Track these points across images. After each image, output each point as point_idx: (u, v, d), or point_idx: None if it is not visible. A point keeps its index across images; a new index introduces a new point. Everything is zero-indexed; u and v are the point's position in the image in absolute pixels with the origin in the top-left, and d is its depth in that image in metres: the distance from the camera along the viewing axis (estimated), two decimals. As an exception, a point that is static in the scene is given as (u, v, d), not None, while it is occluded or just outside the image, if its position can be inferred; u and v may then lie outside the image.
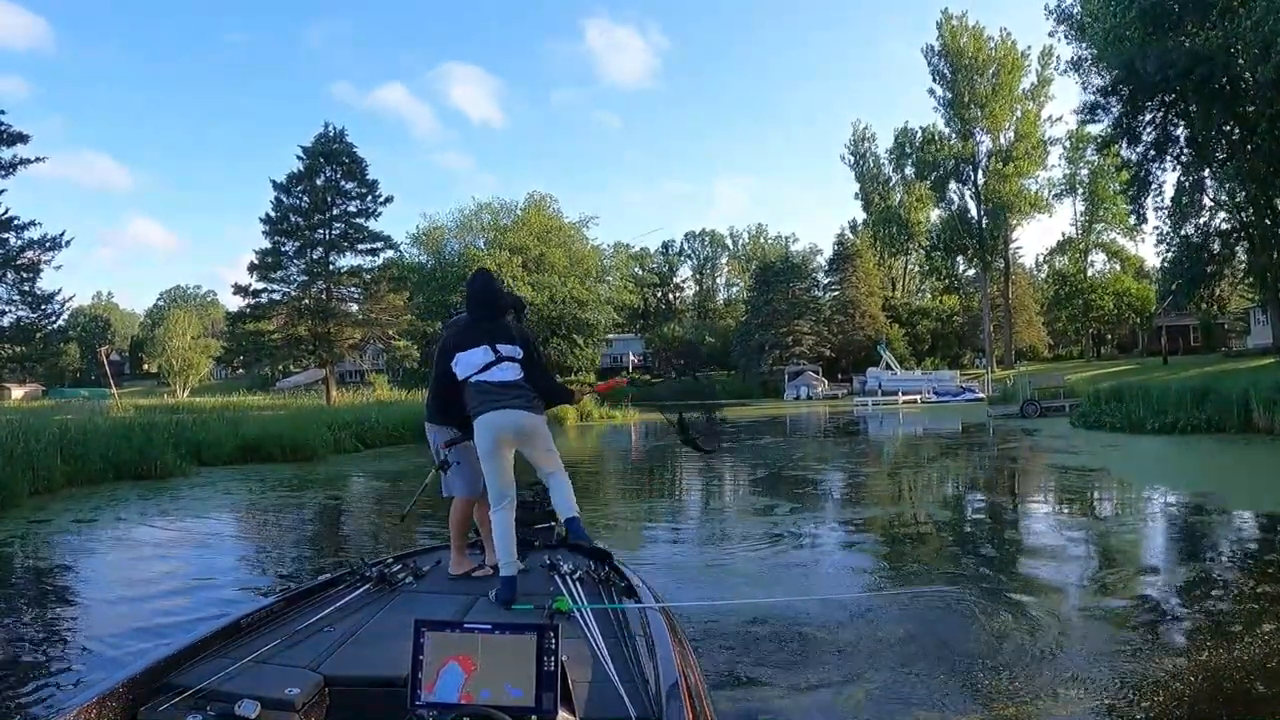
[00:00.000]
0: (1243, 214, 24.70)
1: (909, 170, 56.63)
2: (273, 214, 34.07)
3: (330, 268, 34.17)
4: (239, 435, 17.54)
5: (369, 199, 34.89)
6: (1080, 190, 54.58)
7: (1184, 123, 24.74)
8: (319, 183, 33.85)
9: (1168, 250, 27.19)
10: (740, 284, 76.73)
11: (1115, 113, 25.13)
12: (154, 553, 8.05)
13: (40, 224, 25.11)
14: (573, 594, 2.90)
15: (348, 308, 35.39)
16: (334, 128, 34.40)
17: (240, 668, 2.21)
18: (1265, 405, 15.42)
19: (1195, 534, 7.67)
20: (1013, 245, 54.48)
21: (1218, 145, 24.89)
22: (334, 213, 34.13)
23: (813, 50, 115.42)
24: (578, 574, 3.17)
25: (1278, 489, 9.88)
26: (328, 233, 34.02)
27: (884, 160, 61.75)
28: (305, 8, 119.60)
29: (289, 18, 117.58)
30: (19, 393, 50.83)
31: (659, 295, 72.40)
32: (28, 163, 24.57)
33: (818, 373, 51.93)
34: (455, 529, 3.58)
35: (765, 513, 9.49)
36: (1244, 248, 25.95)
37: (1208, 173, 25.42)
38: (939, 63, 49.15)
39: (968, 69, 48.08)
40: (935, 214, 55.86)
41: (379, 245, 35.61)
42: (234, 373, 69.77)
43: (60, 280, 79.58)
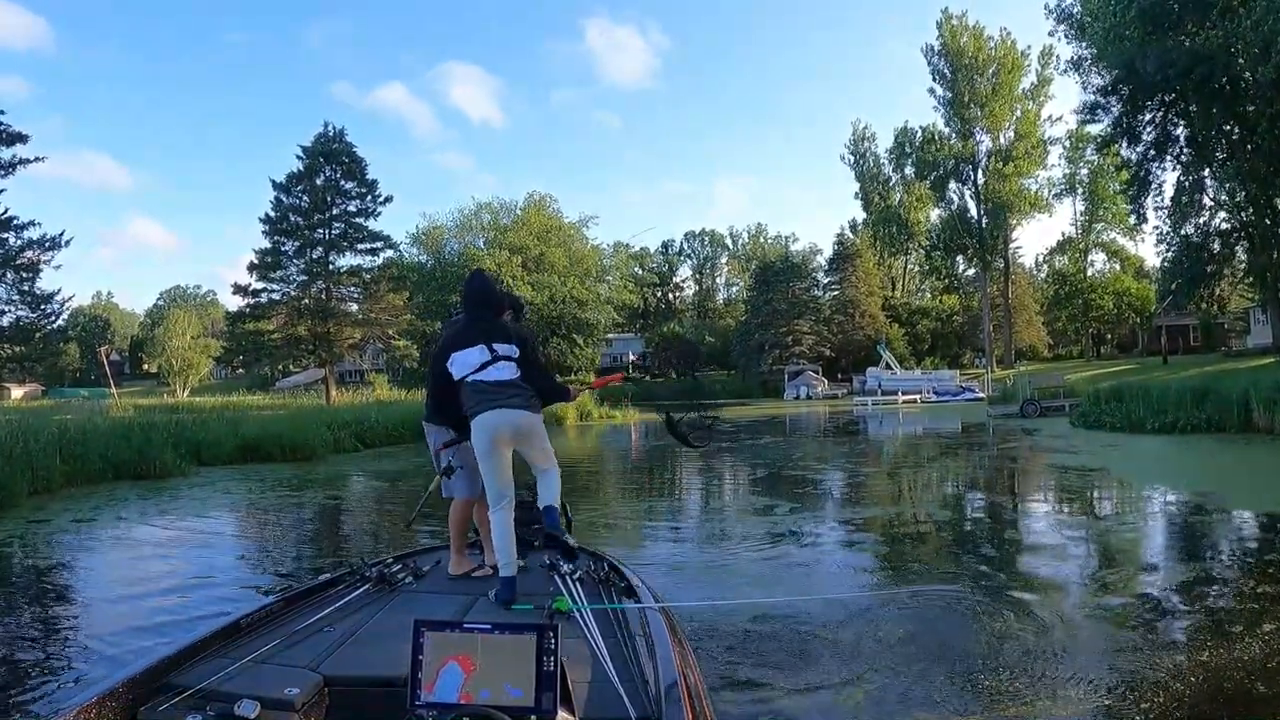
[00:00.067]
0: (1243, 214, 24.69)
1: (909, 170, 56.66)
2: (272, 214, 34.07)
3: (330, 267, 34.17)
4: (238, 435, 17.54)
5: (369, 199, 34.91)
6: (1080, 190, 54.58)
7: (1184, 122, 24.74)
8: (319, 182, 33.85)
9: (1167, 250, 27.23)
10: (740, 284, 76.76)
11: (1115, 112, 25.12)
12: (153, 552, 8.05)
13: (40, 224, 25.25)
14: (572, 594, 2.90)
15: (347, 307, 35.40)
16: (334, 127, 34.43)
17: (240, 668, 2.21)
18: (1265, 405, 15.42)
19: (1195, 534, 7.66)
20: (1012, 245, 54.55)
21: (1218, 145, 24.89)
22: (334, 212, 34.13)
23: (813, 50, 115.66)
24: (577, 574, 3.17)
25: (1278, 488, 9.87)
26: (327, 232, 34.02)
27: (884, 160, 61.82)
28: (305, 8, 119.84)
29: (289, 18, 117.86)
30: (18, 392, 50.85)
31: (659, 295, 72.40)
32: (27, 162, 24.64)
33: (817, 372, 51.94)
34: (455, 529, 3.58)
35: (765, 512, 9.48)
36: (1244, 247, 25.95)
37: (1208, 172, 25.43)
38: (939, 62, 49.17)
39: (968, 69, 48.08)
40: (935, 214, 55.93)
41: (379, 245, 35.65)
42: (234, 372, 69.85)
43: (60, 280, 79.60)
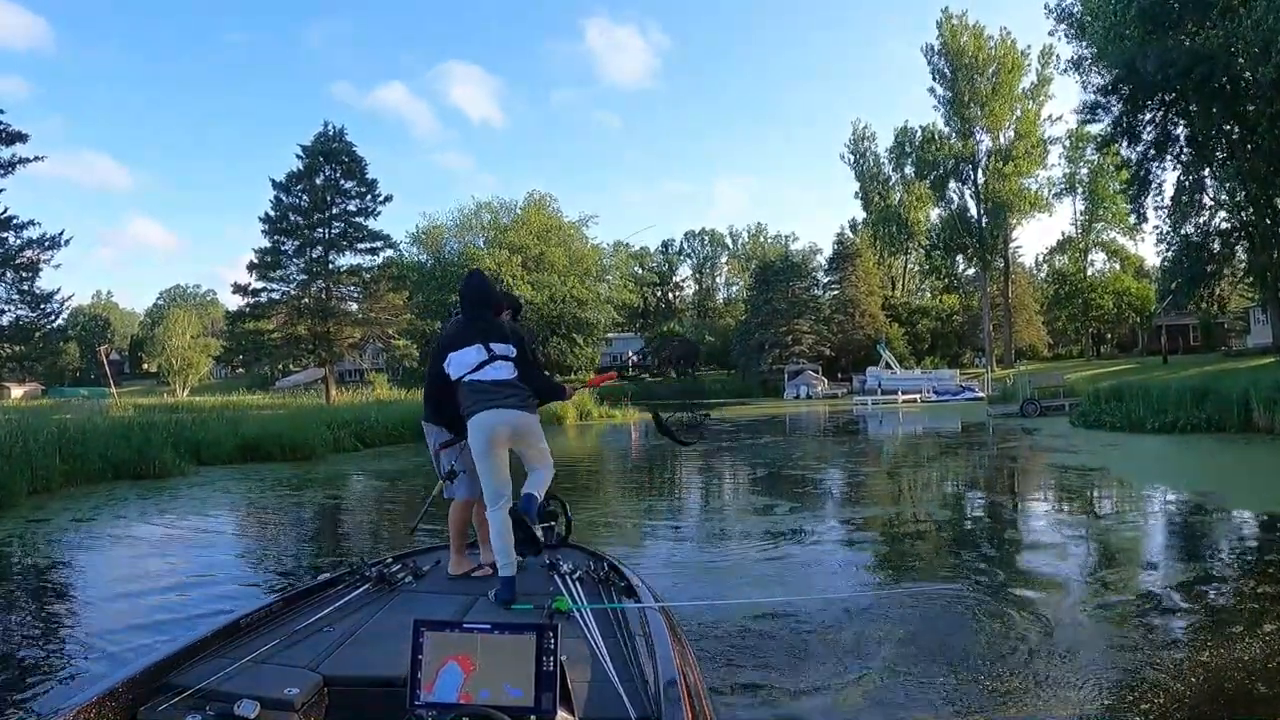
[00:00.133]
0: (1243, 213, 24.67)
1: (909, 169, 56.64)
2: (272, 213, 34.07)
3: (330, 267, 34.18)
4: (238, 434, 17.54)
5: (368, 198, 34.91)
6: (1080, 189, 54.55)
7: (1184, 122, 24.71)
8: (318, 182, 33.84)
9: (1167, 249, 27.20)
10: (740, 283, 76.75)
11: (1115, 112, 25.10)
12: (153, 552, 8.05)
13: (39, 223, 25.29)
14: (572, 594, 2.90)
15: (347, 307, 35.41)
16: (333, 127, 34.44)
17: (240, 668, 2.21)
18: (1265, 405, 15.41)
19: (1195, 533, 7.66)
20: (1012, 244, 54.53)
21: (1218, 144, 24.87)
22: (333, 212, 34.13)
23: (813, 50, 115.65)
24: (577, 574, 3.17)
25: (1278, 488, 9.87)
26: (327, 232, 34.02)
27: (884, 159, 61.79)
28: (305, 8, 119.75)
29: (289, 18, 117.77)
30: (18, 392, 50.83)
31: (659, 294, 72.39)
32: (26, 161, 24.66)
33: (817, 372, 51.91)
34: (455, 529, 3.58)
35: (765, 512, 9.48)
36: (1244, 247, 25.94)
37: (1208, 172, 25.41)
38: (939, 62, 49.15)
39: (968, 68, 48.06)
40: (935, 213, 55.91)
41: (378, 244, 35.67)
42: (234, 372, 69.85)
43: (60, 280, 79.15)
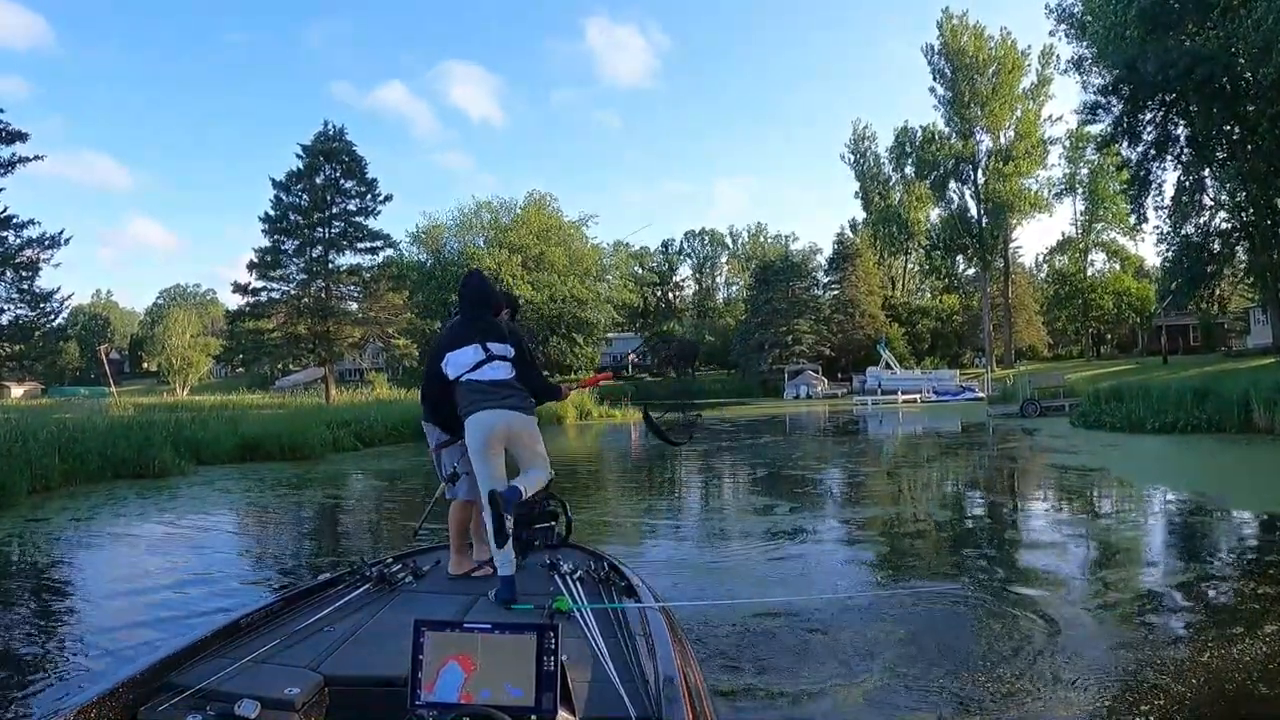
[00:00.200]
0: (1243, 213, 24.67)
1: (909, 169, 56.66)
2: (272, 212, 34.07)
3: (329, 266, 34.19)
4: (238, 434, 17.55)
5: (368, 197, 34.92)
6: (1080, 190, 54.55)
7: (1184, 122, 24.71)
8: (318, 181, 33.85)
9: (1168, 250, 27.19)
10: (740, 283, 76.72)
11: (1116, 112, 25.09)
12: (152, 551, 8.05)
13: (39, 223, 25.26)
14: (573, 594, 2.89)
15: (347, 306, 35.42)
16: (333, 126, 34.46)
17: (240, 668, 2.20)
18: (1265, 405, 15.41)
19: (1196, 534, 7.66)
20: (1012, 245, 54.55)
21: (1218, 144, 24.87)
22: (333, 211, 34.14)
23: (813, 50, 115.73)
24: (578, 574, 3.16)
25: (1278, 489, 9.87)
26: (327, 231, 34.03)
27: (884, 159, 61.85)
28: (305, 8, 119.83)
29: (289, 18, 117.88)
30: (18, 391, 50.84)
31: (659, 294, 72.33)
32: (26, 161, 24.63)
33: (817, 372, 51.91)
34: (454, 530, 3.58)
35: (765, 512, 9.48)
36: (1244, 247, 25.94)
37: (1208, 172, 25.41)
38: (939, 62, 49.14)
39: (968, 68, 48.06)
40: (935, 213, 55.92)
41: (378, 244, 35.68)
42: (233, 371, 69.79)
43: (59, 279, 78.64)
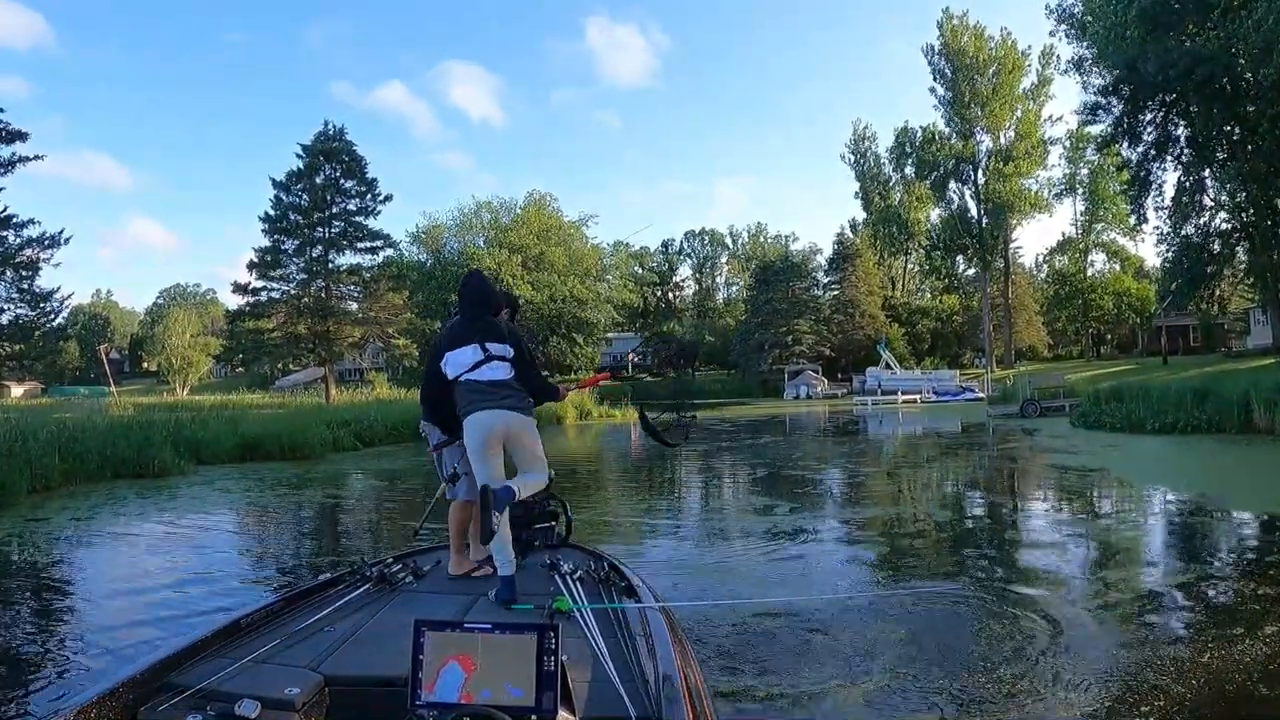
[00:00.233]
0: (1243, 214, 24.68)
1: (909, 170, 56.65)
2: (272, 212, 34.08)
3: (329, 266, 34.19)
4: (238, 434, 17.55)
5: (368, 197, 34.92)
6: (1080, 190, 54.56)
7: (1184, 122, 24.71)
8: (319, 181, 33.85)
9: (1168, 250, 27.20)
10: (740, 283, 76.71)
11: (1116, 112, 25.09)
12: (152, 551, 8.06)
13: (39, 222, 25.27)
14: (573, 594, 2.89)
15: (347, 306, 35.42)
16: (334, 126, 34.46)
17: (240, 668, 2.20)
18: (1266, 406, 15.40)
19: (1196, 535, 7.66)
20: (1012, 245, 54.56)
21: (1218, 145, 24.87)
22: (333, 211, 34.14)
23: (813, 50, 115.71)
24: (578, 574, 3.16)
25: (1278, 489, 9.87)
26: (327, 231, 34.03)
27: (884, 160, 61.85)
28: (305, 8, 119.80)
29: (289, 18, 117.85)
30: (18, 391, 50.83)
31: (659, 294, 72.34)
32: (26, 160, 24.64)
33: (817, 372, 51.91)
34: (454, 530, 3.58)
35: (765, 512, 9.48)
36: (1244, 248, 25.95)
37: (1208, 173, 25.41)
38: (939, 62, 49.15)
39: (968, 68, 48.06)
40: (935, 213, 55.92)
41: (378, 244, 35.67)
42: (233, 371, 69.80)
43: (59, 278, 78.53)
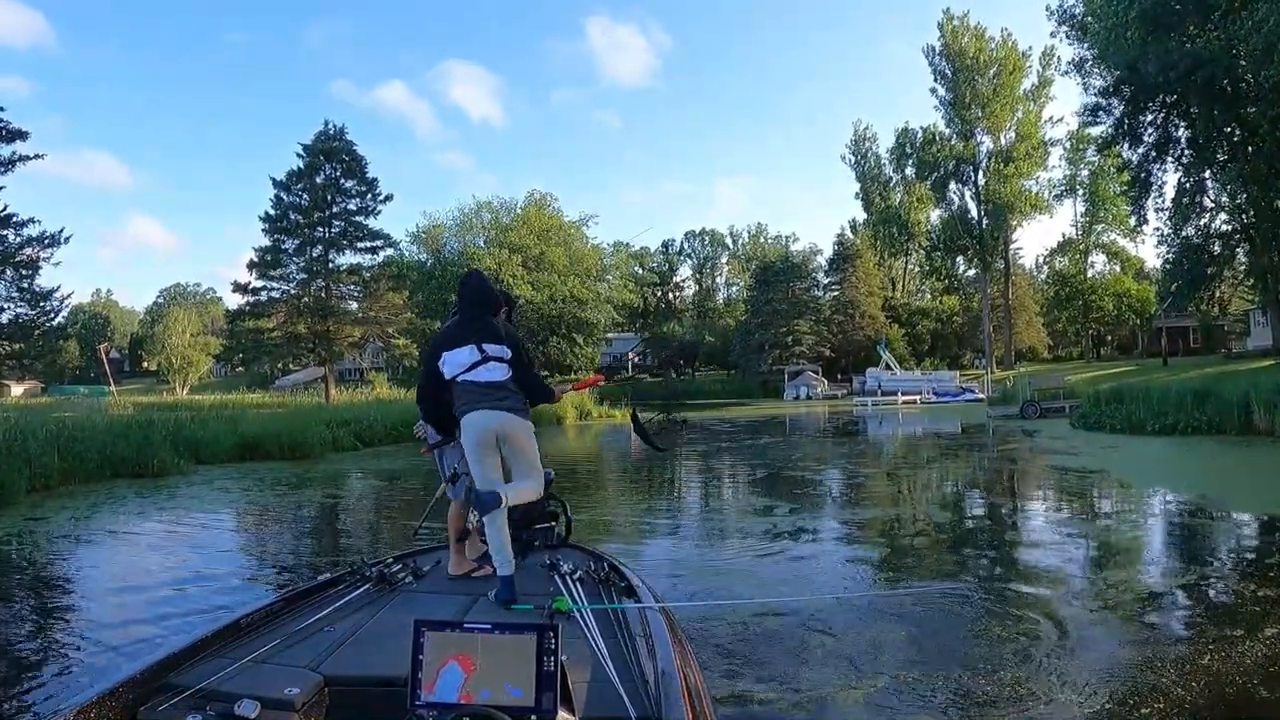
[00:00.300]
0: (1244, 215, 24.69)
1: (909, 170, 56.59)
2: (272, 212, 34.07)
3: (330, 266, 34.18)
4: (237, 433, 17.54)
5: (368, 197, 34.91)
6: (1081, 191, 54.56)
7: (1185, 124, 24.71)
8: (319, 180, 33.85)
9: (1168, 251, 27.21)
10: (740, 284, 76.66)
11: (1116, 114, 25.10)
12: (151, 551, 8.06)
13: (39, 221, 25.27)
14: (573, 594, 2.89)
15: (347, 306, 35.42)
16: (334, 125, 34.46)
17: (240, 668, 2.20)
18: (1266, 407, 15.39)
19: (1196, 536, 7.66)
20: (1013, 246, 54.53)
21: (1219, 146, 24.87)
22: (334, 211, 34.13)
23: (813, 50, 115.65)
24: (578, 574, 3.16)
25: (1278, 491, 9.86)
26: (327, 230, 34.02)
27: (884, 160, 61.82)
28: (305, 8, 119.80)
29: (289, 18, 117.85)
30: (18, 390, 50.81)
31: (659, 294, 72.30)
32: (26, 159, 24.63)
33: (817, 373, 51.89)
34: (454, 530, 3.59)
35: (765, 513, 9.47)
36: (1244, 249, 25.96)
37: (1209, 174, 25.43)
38: (940, 63, 49.11)
39: (969, 69, 48.03)
40: (935, 214, 55.88)
41: (378, 243, 35.66)
42: (233, 371, 69.82)
43: (59, 278, 79.27)
